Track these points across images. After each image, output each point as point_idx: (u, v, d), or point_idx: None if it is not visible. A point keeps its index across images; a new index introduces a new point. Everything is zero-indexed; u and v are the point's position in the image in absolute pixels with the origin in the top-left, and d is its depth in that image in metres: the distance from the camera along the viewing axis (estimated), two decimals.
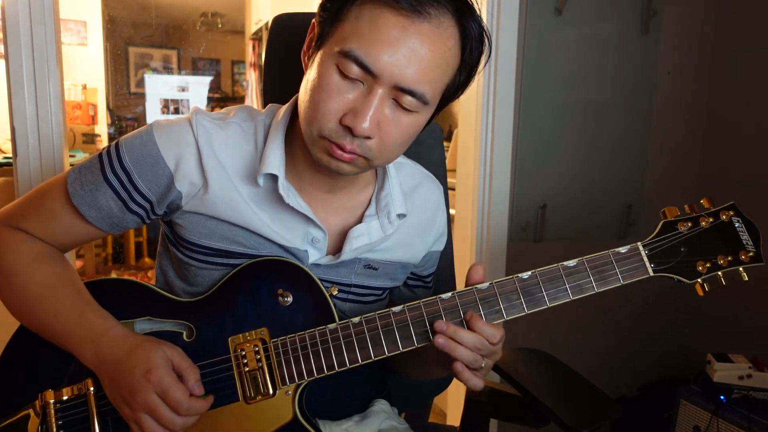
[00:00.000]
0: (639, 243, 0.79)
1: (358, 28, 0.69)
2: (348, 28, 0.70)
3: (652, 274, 0.78)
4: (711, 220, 0.80)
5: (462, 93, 0.80)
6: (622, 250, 0.79)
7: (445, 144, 1.48)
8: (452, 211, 2.02)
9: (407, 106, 0.72)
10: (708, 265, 0.79)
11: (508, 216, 1.88)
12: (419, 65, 0.69)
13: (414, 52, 0.68)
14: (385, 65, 0.68)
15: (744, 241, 0.80)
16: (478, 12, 0.73)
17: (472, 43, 0.73)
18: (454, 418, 2.05)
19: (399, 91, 0.70)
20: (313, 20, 0.77)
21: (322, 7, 0.74)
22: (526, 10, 1.78)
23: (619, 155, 2.00)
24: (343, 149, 0.72)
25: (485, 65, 0.78)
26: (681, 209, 0.82)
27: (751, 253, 0.80)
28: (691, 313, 2.15)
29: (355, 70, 0.69)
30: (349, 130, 0.71)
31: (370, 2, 0.69)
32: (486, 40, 0.75)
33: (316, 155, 0.76)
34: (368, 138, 0.72)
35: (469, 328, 0.75)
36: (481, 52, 0.75)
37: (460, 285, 1.00)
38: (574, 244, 1.97)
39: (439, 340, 0.74)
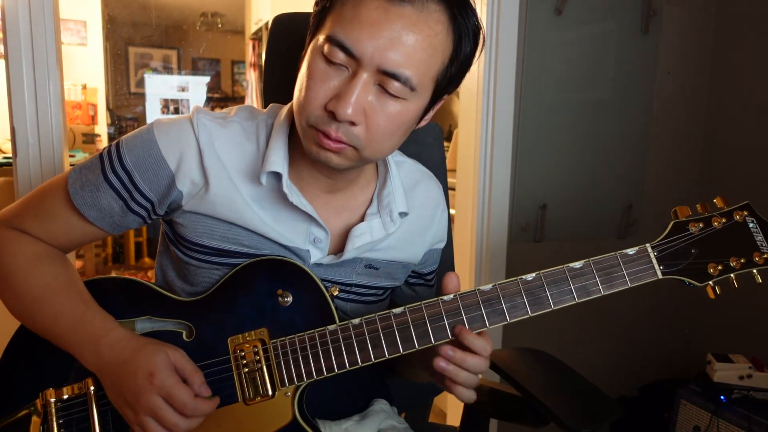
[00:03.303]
0: (648, 244, 0.77)
1: (342, 14, 0.70)
2: (334, 15, 0.71)
3: (661, 276, 0.76)
4: (724, 220, 0.78)
5: (456, 87, 0.79)
6: (630, 251, 0.77)
7: (445, 144, 1.48)
8: (452, 211, 2.02)
9: (393, 92, 0.71)
10: (720, 267, 0.77)
11: (508, 216, 1.88)
12: (402, 48, 0.68)
13: (397, 34, 0.68)
14: (367, 48, 0.68)
15: (758, 243, 0.77)
16: (473, 5, 0.73)
17: (465, 35, 0.73)
18: (454, 418, 2.05)
19: (383, 75, 0.69)
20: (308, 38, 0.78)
21: (315, 2, 0.76)
22: (526, 10, 1.78)
23: (619, 155, 2.00)
24: (329, 137, 0.72)
25: (479, 56, 0.77)
26: (692, 209, 0.79)
27: (765, 255, 0.77)
28: (691, 313, 2.15)
29: (339, 55, 0.70)
30: (333, 116, 0.70)
31: None
32: (481, 34, 0.75)
33: (307, 148, 0.76)
34: (353, 124, 0.71)
35: (459, 341, 0.74)
36: (475, 46, 0.75)
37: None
38: (574, 244, 1.97)
39: (441, 364, 0.73)
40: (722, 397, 1.70)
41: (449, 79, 0.76)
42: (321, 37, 0.72)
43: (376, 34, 0.68)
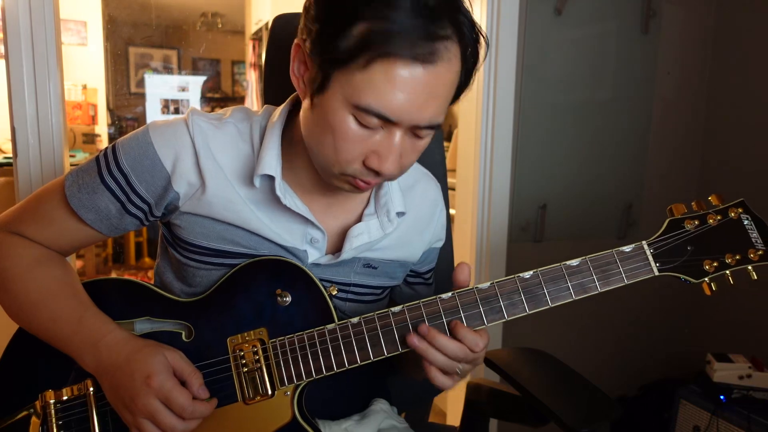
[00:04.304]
0: (644, 242, 0.78)
1: (372, 82, 0.66)
2: (359, 79, 0.67)
3: (657, 273, 0.77)
4: (719, 217, 0.79)
5: (464, 93, 0.79)
6: (627, 249, 0.78)
7: (445, 144, 1.48)
8: (452, 211, 2.02)
9: (423, 135, 0.73)
10: (715, 264, 0.78)
11: (508, 216, 1.88)
12: (435, 103, 0.70)
13: (430, 94, 0.68)
14: (404, 114, 0.68)
15: (753, 239, 0.78)
16: (468, 8, 0.71)
17: (470, 47, 0.72)
18: (454, 418, 2.05)
19: (417, 127, 0.71)
20: (297, 42, 0.74)
21: (317, 48, 0.70)
22: (526, 10, 1.78)
23: (619, 155, 2.00)
24: (368, 183, 0.75)
25: (484, 60, 0.77)
26: (688, 206, 0.80)
27: (760, 252, 0.78)
28: (691, 313, 2.15)
29: (374, 121, 0.69)
30: (375, 171, 0.72)
31: (382, 56, 0.65)
32: (482, 38, 0.74)
33: (335, 184, 0.77)
34: None
35: (452, 335, 0.75)
36: (478, 52, 0.74)
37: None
38: (574, 244, 1.97)
39: (414, 340, 0.74)
40: (722, 397, 1.70)
41: (460, 90, 0.76)
42: (348, 100, 0.68)
43: (412, 100, 0.68)
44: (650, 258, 0.77)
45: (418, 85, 0.67)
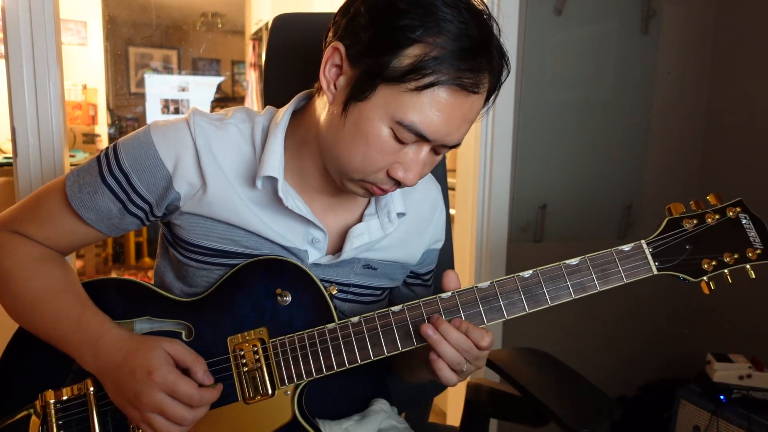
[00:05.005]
0: (642, 241, 0.78)
1: (420, 103, 0.70)
2: (408, 98, 0.70)
3: (656, 272, 0.78)
4: (717, 216, 0.79)
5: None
6: (626, 248, 0.78)
7: None
8: (452, 211, 2.02)
9: (442, 152, 0.77)
10: (714, 263, 0.78)
11: (508, 216, 1.88)
12: (466, 127, 0.74)
13: (465, 118, 0.73)
14: (440, 134, 0.72)
15: (751, 238, 0.79)
16: (498, 35, 0.74)
17: (499, 77, 0.76)
18: (454, 418, 2.05)
19: (444, 146, 0.75)
20: (334, 45, 0.73)
21: (366, 58, 0.71)
22: (526, 10, 1.78)
23: (618, 155, 2.00)
24: (384, 190, 0.78)
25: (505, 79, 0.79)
26: (686, 206, 0.80)
27: (758, 251, 0.78)
28: (691, 313, 2.15)
29: (410, 137, 0.72)
30: (396, 181, 0.76)
31: (435, 83, 0.69)
32: (505, 64, 0.76)
33: (348, 188, 0.79)
34: None
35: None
36: (502, 78, 0.77)
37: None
38: (574, 244, 1.97)
39: (427, 330, 0.74)
40: (722, 397, 1.70)
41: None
42: (390, 115, 0.71)
43: (450, 123, 0.72)
44: (649, 257, 0.78)
45: (458, 111, 0.71)
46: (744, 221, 0.79)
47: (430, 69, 0.68)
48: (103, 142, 4.35)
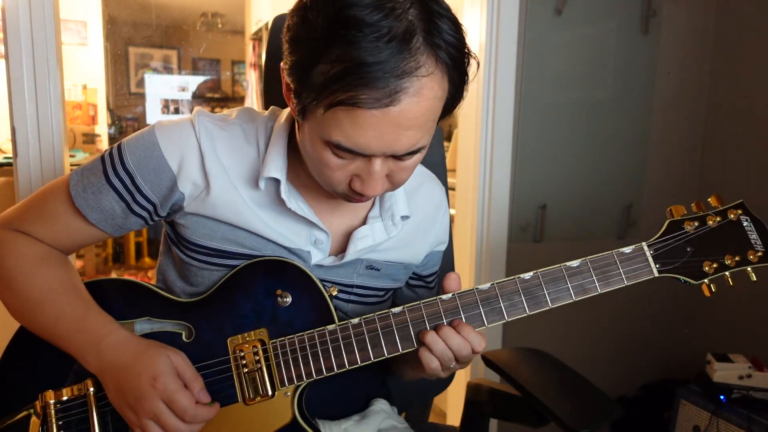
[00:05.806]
0: (644, 243, 0.78)
1: (338, 122, 0.66)
2: (327, 118, 0.66)
3: (657, 274, 0.77)
4: (718, 219, 0.79)
5: (458, 105, 0.75)
6: (626, 250, 0.78)
7: (445, 144, 1.48)
8: (452, 211, 2.02)
9: (407, 158, 0.72)
10: (715, 265, 0.78)
11: (508, 216, 1.88)
12: (409, 134, 0.67)
13: (400, 127, 0.66)
14: (377, 148, 0.68)
15: (752, 241, 0.79)
16: (448, 24, 0.66)
17: (452, 67, 0.68)
18: (454, 418, 2.05)
19: (395, 156, 0.70)
20: (282, 65, 0.71)
21: (292, 79, 0.69)
22: (526, 10, 1.78)
23: (619, 155, 2.00)
24: (360, 199, 0.76)
25: (475, 75, 0.73)
26: (688, 208, 0.80)
27: (759, 253, 0.78)
28: (691, 313, 2.15)
29: (347, 154, 0.69)
30: (361, 194, 0.73)
31: (342, 102, 0.64)
32: (467, 55, 0.69)
33: (335, 196, 0.78)
34: None
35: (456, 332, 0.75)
36: (465, 69, 0.70)
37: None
38: (574, 244, 1.97)
39: (428, 337, 0.75)
40: (722, 397, 1.70)
41: (452, 106, 0.73)
42: (321, 136, 0.68)
43: (382, 137, 0.66)
44: (650, 259, 0.78)
45: (386, 124, 0.65)
46: (745, 223, 0.79)
47: (336, 88, 0.63)
48: (103, 142, 4.35)
